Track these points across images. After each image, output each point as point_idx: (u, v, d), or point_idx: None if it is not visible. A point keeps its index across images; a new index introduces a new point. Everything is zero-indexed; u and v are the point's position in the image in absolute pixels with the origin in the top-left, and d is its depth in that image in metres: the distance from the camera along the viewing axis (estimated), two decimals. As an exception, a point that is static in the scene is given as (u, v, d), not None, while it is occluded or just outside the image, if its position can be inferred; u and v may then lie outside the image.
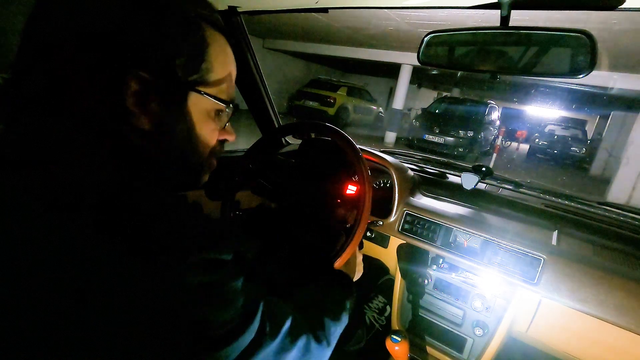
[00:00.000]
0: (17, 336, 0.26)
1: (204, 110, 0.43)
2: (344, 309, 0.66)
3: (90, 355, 0.27)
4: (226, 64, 0.44)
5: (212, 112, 0.44)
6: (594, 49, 0.61)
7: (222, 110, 0.45)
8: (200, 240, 0.34)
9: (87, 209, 0.30)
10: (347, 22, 6.31)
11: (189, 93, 0.41)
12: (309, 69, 12.99)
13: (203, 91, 0.41)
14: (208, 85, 0.42)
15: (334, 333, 0.58)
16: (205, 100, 0.42)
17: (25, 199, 0.30)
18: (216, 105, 0.44)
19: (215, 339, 0.33)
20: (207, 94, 0.42)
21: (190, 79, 0.40)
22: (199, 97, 0.42)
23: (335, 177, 1.00)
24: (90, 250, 0.29)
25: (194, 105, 0.42)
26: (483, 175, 1.06)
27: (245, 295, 0.38)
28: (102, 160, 0.36)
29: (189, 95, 0.41)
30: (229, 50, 0.45)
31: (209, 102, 0.43)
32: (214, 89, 0.43)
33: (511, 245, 0.87)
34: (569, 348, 0.89)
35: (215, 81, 0.43)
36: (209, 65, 0.41)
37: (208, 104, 0.43)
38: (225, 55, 0.44)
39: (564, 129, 10.70)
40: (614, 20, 3.87)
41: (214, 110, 0.44)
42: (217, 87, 0.43)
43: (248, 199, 1.24)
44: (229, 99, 0.46)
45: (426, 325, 1.10)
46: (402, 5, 0.90)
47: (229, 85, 0.46)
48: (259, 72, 1.27)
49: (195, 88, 0.41)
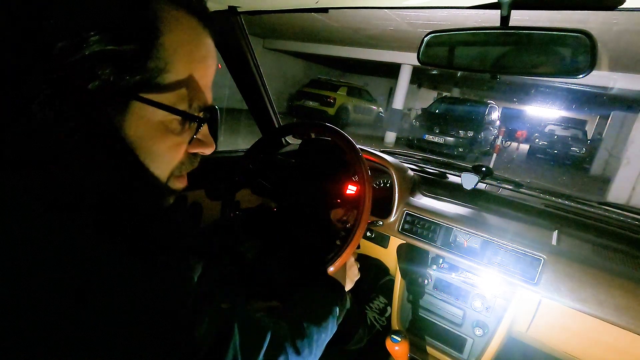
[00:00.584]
0: (17, 336, 0.26)
1: (157, 122, 0.32)
2: (332, 315, 0.64)
3: (90, 356, 0.27)
4: (193, 59, 0.32)
5: (171, 123, 0.33)
6: (594, 49, 0.61)
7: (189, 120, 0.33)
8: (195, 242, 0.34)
9: (87, 209, 0.30)
10: (347, 22, 6.31)
11: (129, 101, 0.29)
12: (309, 69, 12.99)
13: (150, 99, 0.30)
14: (161, 90, 0.30)
15: (318, 340, 0.57)
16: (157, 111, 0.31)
17: (25, 199, 0.30)
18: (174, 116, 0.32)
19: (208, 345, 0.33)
20: (156, 104, 0.30)
21: (131, 80, 0.29)
22: (144, 107, 0.30)
23: (335, 177, 1.00)
24: (90, 250, 0.29)
25: (139, 117, 0.30)
26: (483, 175, 1.06)
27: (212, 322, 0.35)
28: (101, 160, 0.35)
29: (130, 104, 0.30)
30: (203, 39, 0.34)
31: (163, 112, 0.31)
32: (172, 94, 0.31)
33: (511, 245, 0.87)
34: (569, 348, 0.89)
35: (174, 83, 0.31)
36: (163, 62, 0.30)
37: (162, 114, 0.31)
38: (194, 46, 0.32)
39: (564, 129, 10.71)
40: (614, 20, 3.87)
41: (176, 121, 0.33)
42: (176, 92, 0.31)
43: (248, 199, 1.24)
44: (200, 106, 0.34)
45: (426, 325, 1.09)
46: (402, 5, 0.90)
47: (199, 89, 0.34)
48: (259, 72, 1.27)
49: (138, 95, 0.29)
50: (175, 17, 0.30)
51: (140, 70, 0.29)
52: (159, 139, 0.32)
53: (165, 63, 0.30)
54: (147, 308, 0.29)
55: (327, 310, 0.64)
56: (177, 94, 0.32)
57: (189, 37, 0.32)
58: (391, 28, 6.03)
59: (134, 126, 0.30)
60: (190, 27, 0.32)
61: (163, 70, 0.30)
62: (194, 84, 0.33)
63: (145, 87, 0.30)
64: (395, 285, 1.14)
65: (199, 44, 0.33)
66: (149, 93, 0.30)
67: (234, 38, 1.13)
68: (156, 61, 0.30)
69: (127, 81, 0.29)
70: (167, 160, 0.34)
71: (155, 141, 0.32)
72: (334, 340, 0.64)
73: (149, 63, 0.29)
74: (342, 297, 0.71)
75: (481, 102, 9.11)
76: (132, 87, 0.29)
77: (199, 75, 0.33)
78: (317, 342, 0.56)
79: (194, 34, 0.32)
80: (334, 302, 0.68)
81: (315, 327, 0.58)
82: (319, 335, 0.57)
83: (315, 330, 0.57)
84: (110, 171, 0.33)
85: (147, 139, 0.31)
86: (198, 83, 0.34)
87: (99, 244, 0.29)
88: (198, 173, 0.41)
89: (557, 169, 9.01)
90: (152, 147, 0.32)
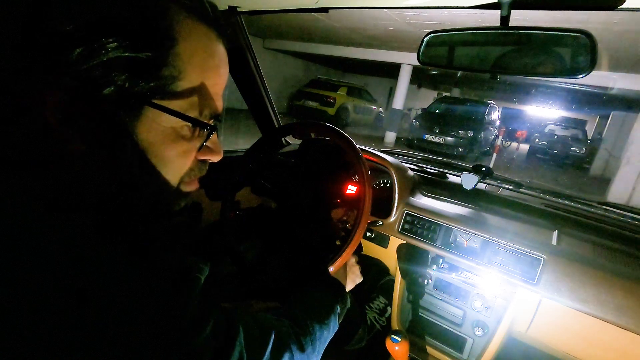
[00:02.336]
0: (18, 336, 0.26)
1: (169, 128, 0.32)
2: (333, 313, 0.64)
3: (91, 356, 0.27)
4: (206, 67, 0.33)
5: (182, 129, 0.33)
6: (594, 49, 0.61)
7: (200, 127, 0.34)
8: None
9: (87, 210, 0.30)
10: (347, 22, 6.31)
11: (142, 107, 0.30)
12: (309, 69, 12.99)
13: (163, 105, 0.31)
14: (174, 97, 0.31)
15: (320, 338, 0.57)
16: (169, 117, 0.32)
17: (25, 199, 0.30)
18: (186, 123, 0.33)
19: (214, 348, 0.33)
20: (169, 110, 0.31)
21: (145, 87, 0.30)
22: (156, 113, 0.31)
23: (335, 177, 1.00)
24: (91, 250, 0.29)
25: (151, 123, 0.31)
26: (483, 175, 1.07)
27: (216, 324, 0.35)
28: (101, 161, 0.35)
29: (143, 109, 0.30)
30: (217, 48, 0.34)
31: (174, 119, 0.32)
32: (184, 101, 0.32)
33: (511, 245, 0.87)
34: (569, 348, 0.89)
35: (187, 91, 0.32)
36: (177, 70, 0.31)
37: (174, 120, 0.32)
38: (208, 54, 0.33)
39: (564, 129, 10.70)
40: (614, 20, 3.87)
41: (187, 127, 0.34)
42: (188, 100, 0.32)
43: (248, 199, 1.24)
44: (211, 113, 0.35)
45: (426, 325, 1.09)
46: (402, 5, 0.90)
47: (210, 97, 0.34)
48: (259, 72, 1.27)
49: (151, 101, 0.30)
50: (190, 26, 0.31)
51: (154, 78, 0.30)
52: (170, 145, 0.33)
53: (179, 71, 0.31)
54: (147, 308, 0.29)
55: (329, 309, 0.64)
56: (189, 101, 0.32)
57: (203, 46, 0.32)
58: (391, 28, 6.04)
59: (146, 131, 0.31)
60: (204, 36, 0.32)
61: (177, 78, 0.31)
62: (205, 91, 0.34)
63: (158, 94, 0.30)
64: (396, 286, 1.14)
65: (212, 53, 0.34)
66: (162, 100, 0.31)
67: (234, 38, 1.13)
68: (171, 69, 0.30)
69: (142, 87, 0.29)
70: (177, 167, 0.35)
71: (167, 147, 0.33)
72: (334, 340, 0.64)
73: (163, 70, 0.30)
74: (343, 296, 0.72)
75: (481, 102, 9.11)
76: (146, 94, 0.30)
77: (210, 83, 0.34)
78: (319, 339, 0.56)
79: (208, 43, 0.33)
80: (335, 300, 0.68)
81: (317, 324, 0.58)
82: (321, 333, 0.58)
83: (318, 328, 0.57)
84: (115, 173, 0.33)
85: (158, 144, 0.32)
86: (209, 91, 0.34)
87: (100, 244, 0.29)
88: None
89: (557, 169, 9.00)
90: (163, 152, 0.33)
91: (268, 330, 0.45)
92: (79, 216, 0.30)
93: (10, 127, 0.35)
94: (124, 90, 0.29)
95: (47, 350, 0.26)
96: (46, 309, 0.26)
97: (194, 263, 0.34)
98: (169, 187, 0.35)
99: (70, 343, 0.26)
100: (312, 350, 0.53)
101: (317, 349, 0.55)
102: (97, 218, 0.30)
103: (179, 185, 0.37)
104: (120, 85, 0.29)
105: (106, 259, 0.29)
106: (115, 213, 0.31)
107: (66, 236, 0.28)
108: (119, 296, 0.28)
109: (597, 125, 13.63)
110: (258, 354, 0.41)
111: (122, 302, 0.28)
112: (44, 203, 0.30)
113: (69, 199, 0.30)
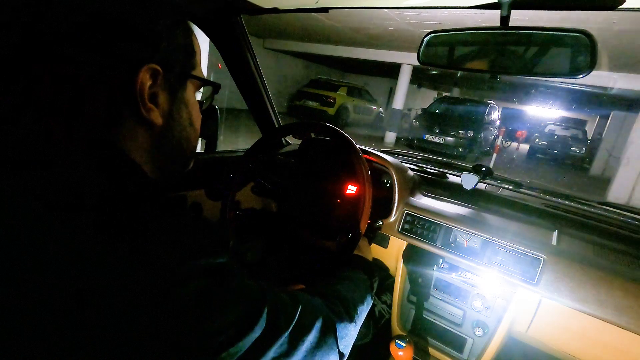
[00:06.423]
0: (18, 336, 0.26)
1: (193, 94, 0.46)
2: (368, 287, 0.72)
3: (91, 356, 0.27)
4: (199, 46, 0.47)
5: (196, 93, 0.47)
6: (594, 49, 0.61)
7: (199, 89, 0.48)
8: (198, 244, 0.34)
9: (87, 210, 0.30)
10: (348, 22, 6.31)
11: (187, 81, 0.43)
12: (309, 69, 12.99)
13: (197, 75, 0.44)
14: (195, 69, 0.44)
15: (358, 309, 0.62)
16: (194, 84, 0.45)
17: (25, 199, 0.30)
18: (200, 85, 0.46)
19: (219, 340, 0.33)
20: (199, 78, 0.44)
21: (187, 66, 0.42)
22: (191, 82, 0.44)
23: (335, 177, 1.00)
24: (91, 251, 0.29)
25: (189, 91, 0.44)
26: (483, 175, 1.06)
27: (247, 293, 0.37)
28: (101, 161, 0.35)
29: (187, 83, 0.43)
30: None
31: (196, 84, 0.45)
32: (198, 70, 0.45)
33: (511, 245, 0.87)
34: (569, 348, 0.89)
35: (198, 63, 0.45)
36: (194, 51, 0.44)
37: (196, 86, 0.45)
38: (195, 37, 0.47)
39: (564, 129, 10.69)
40: (614, 20, 3.87)
41: (198, 91, 0.47)
42: (199, 69, 0.45)
43: (248, 199, 1.24)
44: None
45: (426, 325, 1.09)
46: (402, 5, 0.90)
47: (200, 65, 0.49)
48: (259, 72, 1.27)
49: (191, 74, 0.43)
50: (190, 27, 0.43)
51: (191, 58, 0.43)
52: (195, 105, 0.46)
53: (195, 50, 0.44)
54: (147, 309, 0.29)
55: (365, 284, 0.72)
56: (200, 71, 0.45)
57: (195, 40, 0.45)
58: (391, 28, 6.04)
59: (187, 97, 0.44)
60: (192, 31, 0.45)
61: (194, 55, 0.44)
62: (200, 62, 0.47)
63: (192, 68, 0.44)
64: (396, 286, 1.14)
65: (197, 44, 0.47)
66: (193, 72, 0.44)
67: (234, 38, 1.13)
68: (193, 51, 0.43)
69: (191, 64, 0.43)
70: (198, 123, 0.47)
71: (194, 108, 0.46)
72: None
73: (194, 54, 0.44)
74: (374, 271, 0.80)
75: (481, 102, 9.10)
76: (189, 70, 0.43)
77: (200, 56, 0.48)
78: (356, 309, 0.61)
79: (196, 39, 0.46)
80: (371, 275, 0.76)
81: (353, 296, 0.63)
82: (357, 304, 0.63)
83: (354, 300, 0.63)
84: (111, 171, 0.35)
85: (192, 107, 0.45)
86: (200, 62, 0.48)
87: (100, 244, 0.29)
88: (198, 173, 0.45)
89: (557, 169, 9.00)
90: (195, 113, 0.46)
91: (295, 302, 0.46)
92: (80, 216, 0.30)
93: (10, 127, 0.35)
94: (184, 67, 0.41)
95: (47, 351, 0.26)
96: (46, 309, 0.26)
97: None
98: (195, 143, 0.48)
99: (71, 343, 0.26)
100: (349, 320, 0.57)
101: (354, 320, 0.59)
102: (97, 219, 0.30)
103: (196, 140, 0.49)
104: (182, 64, 0.41)
105: (106, 259, 0.29)
106: (116, 214, 0.31)
107: (67, 236, 0.29)
108: (119, 296, 0.28)
109: (597, 125, 13.62)
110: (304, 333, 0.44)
111: (122, 303, 0.28)
112: (44, 203, 0.30)
113: (70, 199, 0.30)
